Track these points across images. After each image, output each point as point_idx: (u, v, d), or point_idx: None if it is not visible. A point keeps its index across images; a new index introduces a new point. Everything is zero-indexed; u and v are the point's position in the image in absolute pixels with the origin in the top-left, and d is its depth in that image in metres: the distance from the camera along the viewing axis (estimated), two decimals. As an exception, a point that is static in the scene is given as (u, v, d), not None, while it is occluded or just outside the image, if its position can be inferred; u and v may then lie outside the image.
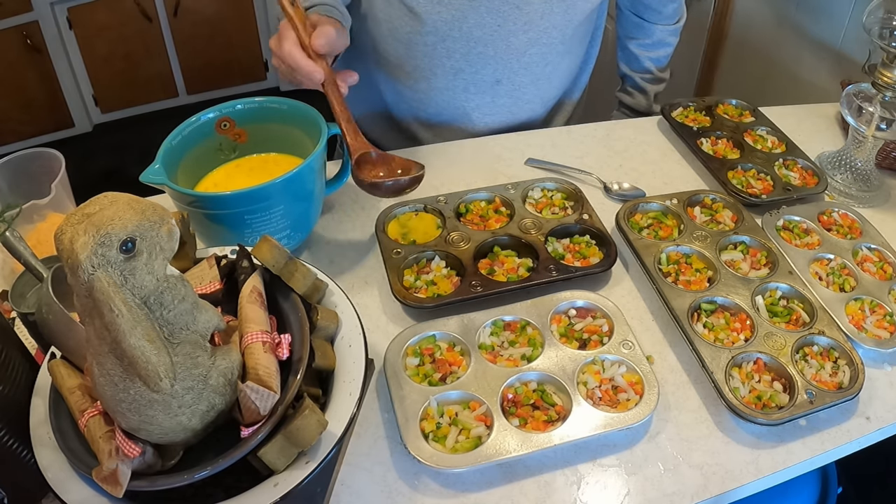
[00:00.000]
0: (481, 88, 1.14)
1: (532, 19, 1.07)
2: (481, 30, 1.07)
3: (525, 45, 1.10)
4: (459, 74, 1.12)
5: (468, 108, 1.17)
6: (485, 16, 1.05)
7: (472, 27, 1.06)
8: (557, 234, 0.93)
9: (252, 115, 0.92)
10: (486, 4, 1.04)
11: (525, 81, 1.15)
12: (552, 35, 1.10)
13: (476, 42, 1.08)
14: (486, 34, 1.07)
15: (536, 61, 1.13)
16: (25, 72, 2.71)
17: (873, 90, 0.99)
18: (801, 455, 0.71)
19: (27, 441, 0.60)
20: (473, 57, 1.10)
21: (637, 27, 1.30)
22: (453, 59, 1.10)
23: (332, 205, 1.01)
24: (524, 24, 1.07)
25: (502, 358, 0.77)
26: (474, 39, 1.08)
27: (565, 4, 1.07)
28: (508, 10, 1.05)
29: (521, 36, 1.09)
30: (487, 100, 1.16)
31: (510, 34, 1.08)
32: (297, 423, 0.55)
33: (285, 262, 0.66)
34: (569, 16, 1.09)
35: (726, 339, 0.79)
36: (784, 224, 0.97)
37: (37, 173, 0.92)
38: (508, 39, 1.08)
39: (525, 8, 1.05)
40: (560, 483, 0.68)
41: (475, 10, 1.05)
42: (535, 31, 1.09)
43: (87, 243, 0.47)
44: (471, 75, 1.12)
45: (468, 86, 1.14)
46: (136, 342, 0.49)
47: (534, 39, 1.10)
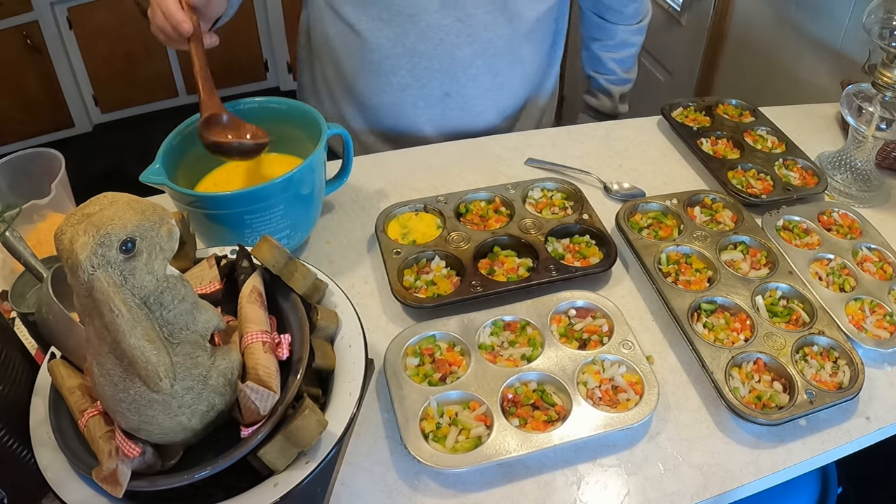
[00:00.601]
0: (430, 102, 1.14)
1: (475, 31, 1.07)
2: (424, 45, 1.07)
3: (470, 57, 1.10)
4: (407, 90, 1.12)
5: (419, 122, 1.17)
6: (426, 31, 1.05)
7: (414, 43, 1.07)
8: (557, 234, 0.93)
9: (252, 115, 0.92)
10: (426, 20, 1.04)
11: (474, 93, 1.14)
12: (498, 46, 1.10)
13: (420, 57, 1.08)
14: (430, 49, 1.07)
15: (484, 72, 1.12)
16: (25, 72, 2.71)
17: (873, 90, 0.99)
18: (801, 455, 0.71)
19: (27, 441, 0.60)
20: (419, 72, 1.10)
21: (599, 28, 1.29)
22: (399, 76, 1.11)
23: (332, 205, 1.01)
24: (467, 36, 1.07)
25: (502, 358, 0.77)
26: (418, 55, 1.08)
27: (508, 15, 1.07)
28: (450, 23, 1.05)
29: (466, 49, 1.08)
30: (437, 112, 1.16)
31: (454, 48, 1.08)
32: (297, 423, 0.55)
33: (285, 262, 0.66)
34: (513, 26, 1.09)
35: (726, 339, 0.79)
36: (784, 224, 0.97)
37: (37, 173, 0.92)
38: (453, 53, 1.08)
39: (467, 21, 1.05)
40: (560, 483, 0.68)
41: (416, 26, 1.05)
42: (479, 44, 1.08)
43: (87, 243, 0.47)
44: (418, 90, 1.12)
45: (416, 101, 1.14)
46: (136, 342, 0.49)
47: (479, 51, 1.09)
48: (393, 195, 1.03)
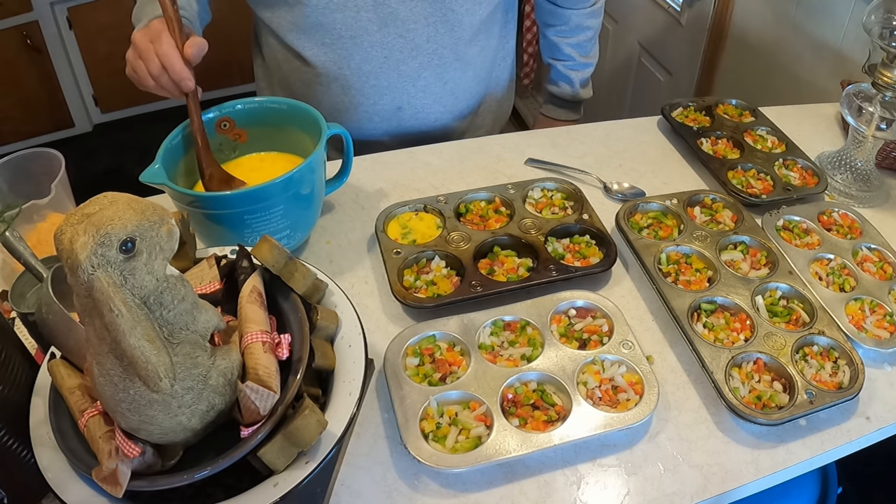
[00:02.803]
0: (384, 117, 1.15)
1: (418, 45, 1.07)
2: (370, 64, 1.07)
3: (416, 70, 1.10)
4: (359, 108, 1.13)
5: (376, 134, 1.17)
6: (369, 50, 1.06)
7: (359, 63, 1.07)
8: (557, 234, 0.93)
9: (252, 115, 0.92)
10: (368, 39, 1.05)
11: (427, 103, 1.15)
12: (443, 55, 1.10)
13: (367, 76, 1.09)
14: (376, 67, 1.08)
15: (433, 83, 1.13)
16: (25, 72, 2.71)
17: (873, 90, 0.99)
18: (801, 455, 0.71)
19: (27, 441, 0.60)
20: (368, 90, 1.11)
21: (552, 14, 1.28)
22: (350, 95, 1.11)
23: (332, 205, 1.01)
24: (411, 50, 1.07)
25: (502, 358, 0.77)
26: (365, 74, 1.08)
27: (449, 25, 1.07)
28: (391, 40, 1.05)
29: (411, 62, 1.09)
30: (394, 125, 1.16)
31: (399, 63, 1.08)
32: (297, 423, 0.55)
33: (285, 262, 0.66)
34: (456, 34, 1.09)
35: (726, 339, 0.79)
36: (784, 224, 0.97)
37: (37, 173, 0.92)
38: (399, 68, 1.09)
39: (408, 35, 1.05)
40: (560, 483, 0.68)
41: (359, 47, 1.05)
42: (423, 56, 1.09)
43: (86, 243, 0.47)
44: (370, 107, 1.13)
45: (371, 116, 1.14)
46: (136, 342, 0.49)
47: (424, 63, 1.10)
48: (393, 195, 1.03)
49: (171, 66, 0.81)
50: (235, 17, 3.03)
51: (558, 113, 1.36)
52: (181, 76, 0.81)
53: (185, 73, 0.81)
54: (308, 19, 1.03)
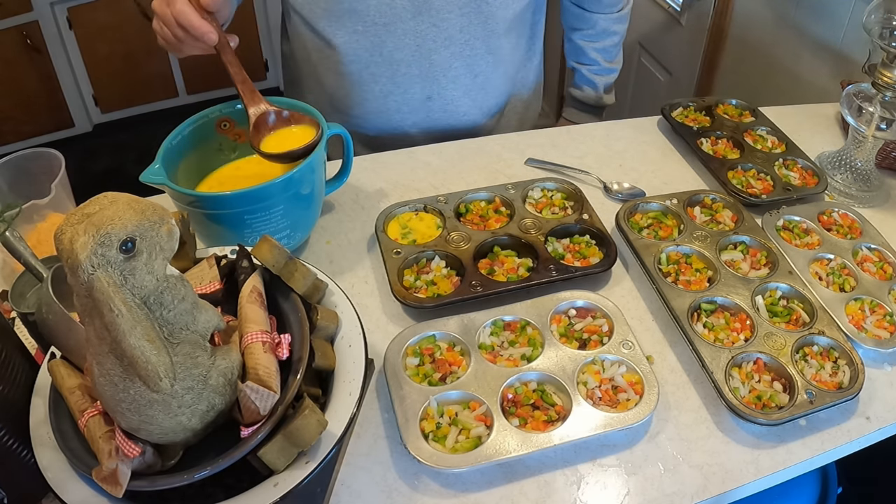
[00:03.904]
0: (413, 107, 1.15)
1: (451, 35, 1.07)
2: (402, 52, 1.07)
3: (448, 59, 1.10)
4: (389, 97, 1.13)
5: (404, 126, 1.17)
6: (402, 38, 1.06)
7: (391, 51, 1.07)
8: (557, 234, 0.93)
9: (252, 115, 0.92)
10: (401, 27, 1.05)
11: (456, 95, 1.15)
12: (475, 47, 1.10)
13: (399, 64, 1.09)
14: (408, 55, 1.08)
15: (463, 74, 1.13)
16: (25, 72, 2.71)
17: (873, 90, 0.99)
18: (801, 455, 0.71)
19: (27, 441, 0.60)
20: (399, 79, 1.11)
21: (578, 18, 1.28)
22: (380, 84, 1.11)
23: (332, 205, 1.01)
24: (444, 40, 1.07)
25: (502, 358, 0.77)
26: (396, 62, 1.09)
27: (483, 16, 1.07)
28: (425, 28, 1.05)
29: (443, 52, 1.09)
30: (422, 116, 1.16)
31: (431, 52, 1.08)
32: (297, 423, 0.55)
33: (285, 262, 0.66)
34: (489, 27, 1.09)
35: (726, 339, 0.79)
36: (784, 224, 0.97)
37: (37, 173, 0.92)
38: (430, 57, 1.09)
39: (441, 25, 1.06)
40: (560, 483, 0.68)
41: (392, 34, 1.05)
42: (456, 46, 1.09)
43: (86, 243, 0.47)
44: (400, 96, 1.13)
45: (400, 106, 1.14)
46: (136, 342, 0.49)
47: (456, 53, 1.10)
48: (393, 195, 1.03)
49: (190, 24, 0.79)
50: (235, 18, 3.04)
51: (580, 117, 1.36)
52: (201, 31, 0.79)
53: (204, 27, 0.79)
54: (342, 5, 1.04)
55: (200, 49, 0.83)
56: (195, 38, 0.80)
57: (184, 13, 0.79)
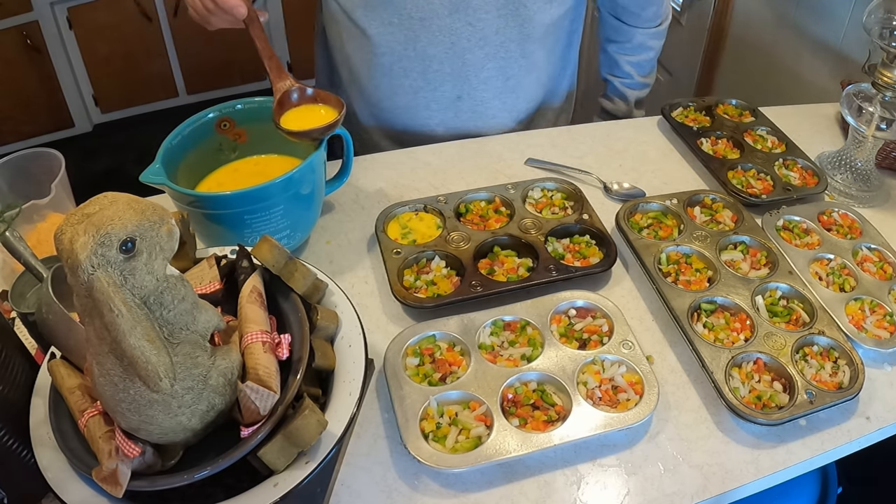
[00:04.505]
0: (443, 105, 1.14)
1: (486, 35, 1.07)
2: (435, 48, 1.07)
3: (481, 60, 1.10)
4: (419, 93, 1.13)
5: (431, 123, 1.17)
6: (437, 34, 1.05)
7: (425, 46, 1.07)
8: (557, 234, 0.93)
9: (252, 115, 0.92)
10: (437, 23, 1.04)
11: (487, 96, 1.15)
12: (510, 49, 1.10)
13: (431, 60, 1.08)
14: (441, 52, 1.08)
15: (496, 76, 1.12)
16: (25, 71, 2.71)
17: (873, 90, 0.99)
18: (801, 455, 0.71)
19: (27, 441, 0.60)
20: (430, 75, 1.10)
21: (616, 30, 1.28)
22: (411, 79, 1.11)
23: (332, 205, 1.01)
24: (479, 40, 1.07)
25: (502, 358, 0.77)
26: (429, 58, 1.08)
27: (520, 19, 1.07)
28: (461, 27, 1.05)
29: (477, 52, 1.08)
30: (450, 115, 1.16)
31: (465, 51, 1.08)
32: (297, 423, 0.55)
33: (285, 262, 0.66)
34: (525, 30, 1.09)
35: (726, 339, 0.79)
36: (784, 224, 0.97)
37: (37, 173, 0.92)
38: (464, 56, 1.08)
39: (478, 24, 1.05)
40: (560, 483, 0.68)
41: (427, 29, 1.05)
42: (490, 47, 1.08)
43: (87, 243, 0.47)
44: (430, 93, 1.13)
45: (429, 103, 1.14)
46: (136, 342, 0.49)
47: (490, 54, 1.09)
48: (393, 195, 1.03)
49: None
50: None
51: None
52: (230, 4, 0.80)
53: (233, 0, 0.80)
54: None
55: (229, 22, 0.84)
56: (224, 11, 0.82)
57: None
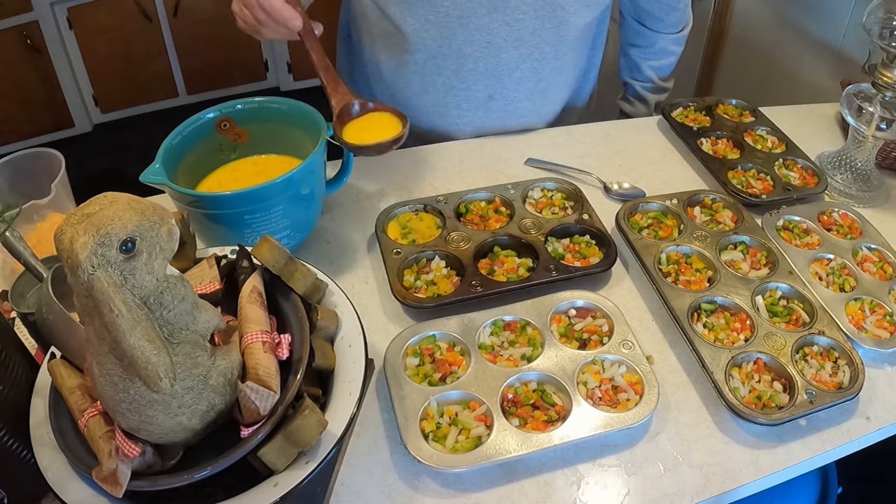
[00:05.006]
0: (474, 104, 1.14)
1: (522, 36, 1.07)
2: (471, 46, 1.07)
3: (516, 60, 1.10)
4: (451, 91, 1.13)
5: (461, 123, 1.17)
6: (474, 33, 1.05)
7: (461, 44, 1.06)
8: (557, 234, 0.93)
9: (252, 115, 0.92)
10: (474, 22, 1.04)
11: (518, 96, 1.15)
12: (544, 51, 1.10)
13: (466, 59, 1.08)
14: (476, 51, 1.07)
15: (529, 76, 1.13)
16: (25, 72, 2.71)
17: (873, 90, 0.99)
18: (801, 455, 0.71)
19: (27, 441, 0.60)
20: (464, 74, 1.10)
21: (639, 35, 1.29)
22: (444, 77, 1.11)
23: (332, 205, 1.01)
24: (514, 40, 1.07)
25: (502, 358, 0.77)
26: (464, 56, 1.08)
27: (556, 21, 1.07)
28: (497, 27, 1.05)
29: (512, 52, 1.08)
30: (480, 115, 1.16)
31: (500, 50, 1.08)
32: (297, 423, 0.55)
33: (285, 262, 0.66)
34: (560, 32, 1.09)
35: (726, 339, 0.79)
36: (784, 224, 0.97)
37: (37, 173, 0.92)
38: (499, 56, 1.08)
39: (515, 25, 1.05)
40: (560, 483, 0.68)
41: (464, 28, 1.05)
42: (525, 48, 1.08)
43: (87, 243, 0.47)
44: (462, 91, 1.13)
45: (460, 102, 1.14)
46: (136, 342, 0.49)
47: (525, 55, 1.09)
48: (393, 195, 1.03)
49: (272, 7, 0.78)
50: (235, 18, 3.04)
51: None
52: (285, 17, 0.78)
53: (288, 11, 0.78)
54: None
55: (282, 34, 0.82)
56: (277, 23, 0.80)
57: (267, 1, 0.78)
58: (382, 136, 0.81)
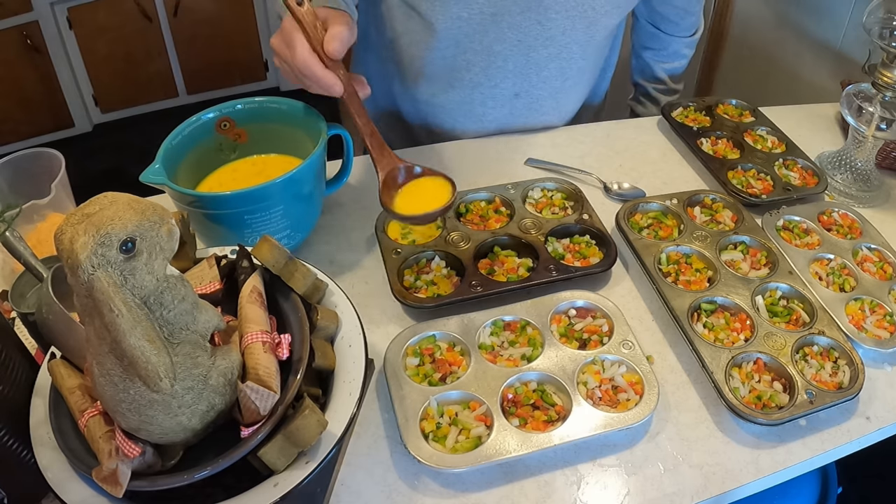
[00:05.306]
0: (499, 102, 1.14)
1: (553, 35, 1.07)
2: (501, 44, 1.07)
3: (545, 59, 1.10)
4: (478, 88, 1.12)
5: (485, 120, 1.17)
6: (506, 31, 1.05)
7: (492, 42, 1.06)
8: (557, 234, 0.93)
9: (252, 115, 0.92)
10: (507, 20, 1.04)
11: (543, 95, 1.15)
12: (572, 50, 1.10)
13: (496, 56, 1.08)
14: (507, 49, 1.07)
15: (555, 75, 1.13)
16: (25, 72, 2.71)
17: (873, 90, 0.99)
18: (801, 455, 0.71)
19: (27, 441, 0.60)
20: (493, 71, 1.10)
21: (653, 37, 1.29)
22: (472, 73, 1.11)
23: (332, 205, 1.01)
24: (545, 39, 1.07)
25: (502, 358, 0.77)
26: (494, 54, 1.08)
27: (587, 21, 1.07)
28: (529, 25, 1.05)
29: (542, 51, 1.08)
30: (505, 112, 1.16)
31: (530, 49, 1.08)
32: (297, 423, 0.55)
33: (285, 262, 0.66)
34: (590, 32, 1.09)
35: (726, 339, 0.79)
36: (784, 224, 0.97)
37: (37, 173, 0.92)
38: (528, 54, 1.08)
39: (547, 24, 1.05)
40: (560, 483, 0.68)
41: (497, 25, 1.04)
42: (555, 47, 1.08)
43: (87, 243, 0.47)
44: (489, 89, 1.12)
45: (486, 99, 1.14)
46: (136, 342, 0.49)
47: (554, 54, 1.10)
48: (393, 195, 1.03)
49: (313, 74, 0.75)
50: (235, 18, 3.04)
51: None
52: (326, 83, 0.75)
53: (329, 78, 0.75)
54: None
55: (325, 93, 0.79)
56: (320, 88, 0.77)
57: (307, 65, 0.74)
58: (431, 205, 0.78)
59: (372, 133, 0.80)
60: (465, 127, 1.18)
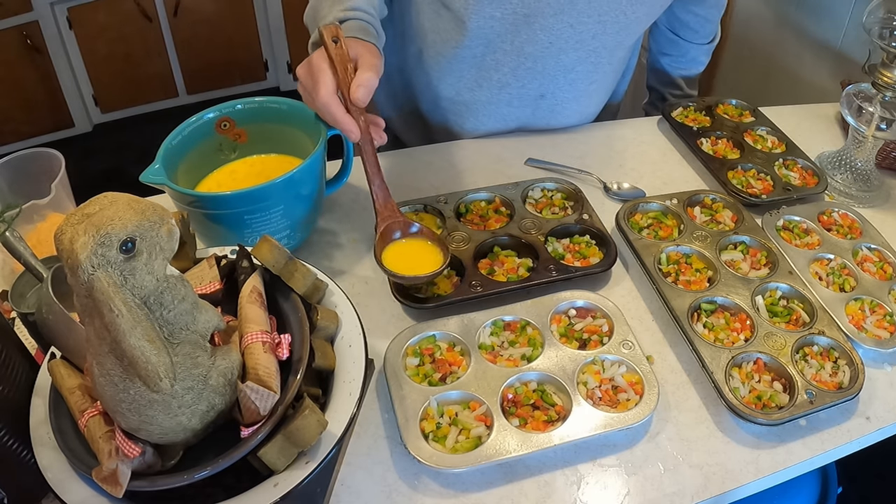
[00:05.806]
0: (525, 102, 1.14)
1: (584, 39, 1.07)
2: (532, 46, 1.06)
3: (574, 62, 1.10)
4: (505, 88, 1.12)
5: (509, 119, 1.17)
6: (538, 32, 1.05)
7: (523, 43, 1.06)
8: (557, 234, 0.93)
9: (252, 115, 0.92)
10: (540, 22, 1.03)
11: (568, 97, 1.15)
12: (601, 54, 1.10)
13: (526, 58, 1.08)
14: (537, 50, 1.07)
15: (582, 78, 1.13)
16: (25, 72, 2.71)
17: (873, 90, 0.99)
18: (801, 455, 0.71)
19: (27, 441, 0.60)
20: (522, 72, 1.10)
21: (671, 44, 1.29)
22: (501, 73, 1.11)
23: (332, 205, 1.01)
24: (576, 42, 1.07)
25: (502, 358, 0.77)
26: (524, 55, 1.08)
27: (618, 26, 1.07)
28: (562, 28, 1.04)
29: (572, 54, 1.08)
30: (528, 112, 1.16)
31: (560, 52, 1.08)
32: (297, 423, 0.55)
33: (285, 262, 0.66)
34: (620, 37, 1.09)
35: (726, 339, 0.79)
36: (784, 224, 0.97)
37: (37, 173, 0.92)
38: (558, 57, 1.08)
39: (578, 27, 1.05)
40: (560, 483, 0.68)
41: (529, 27, 1.04)
42: (584, 50, 1.08)
43: (87, 243, 0.47)
44: (517, 90, 1.12)
45: (512, 99, 1.14)
46: (136, 342, 0.49)
47: (583, 58, 1.10)
48: (393, 195, 1.03)
49: (332, 116, 0.77)
50: (235, 18, 3.04)
51: None
52: (344, 128, 0.77)
53: (348, 124, 0.77)
54: None
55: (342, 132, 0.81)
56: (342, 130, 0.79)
57: (328, 107, 0.76)
58: (421, 269, 0.80)
59: (380, 183, 0.83)
60: (487, 127, 1.18)
